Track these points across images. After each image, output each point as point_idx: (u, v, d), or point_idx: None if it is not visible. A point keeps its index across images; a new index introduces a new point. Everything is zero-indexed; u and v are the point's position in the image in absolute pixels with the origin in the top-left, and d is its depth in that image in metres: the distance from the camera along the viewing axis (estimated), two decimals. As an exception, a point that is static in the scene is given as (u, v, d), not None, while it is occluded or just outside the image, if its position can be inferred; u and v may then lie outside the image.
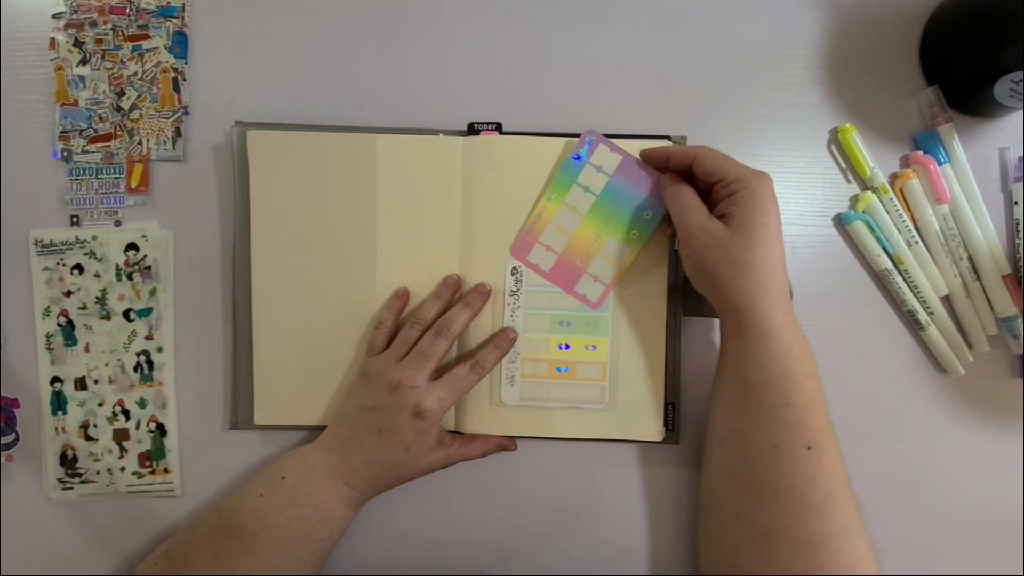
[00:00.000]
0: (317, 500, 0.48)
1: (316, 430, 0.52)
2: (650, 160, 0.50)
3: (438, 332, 0.49)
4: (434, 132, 0.53)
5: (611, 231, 0.52)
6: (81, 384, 0.53)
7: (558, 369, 0.52)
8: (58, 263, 0.53)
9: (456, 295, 0.52)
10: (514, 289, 0.52)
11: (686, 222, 0.46)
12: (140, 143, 0.54)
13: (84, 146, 0.53)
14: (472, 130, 0.54)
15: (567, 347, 0.52)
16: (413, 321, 0.51)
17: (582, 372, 0.52)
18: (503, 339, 0.51)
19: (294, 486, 0.48)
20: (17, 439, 0.53)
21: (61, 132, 0.53)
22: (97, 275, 0.53)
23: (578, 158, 0.51)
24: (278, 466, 0.49)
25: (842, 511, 0.44)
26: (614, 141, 0.51)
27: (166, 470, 0.54)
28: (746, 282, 0.45)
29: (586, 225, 0.52)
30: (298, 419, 0.53)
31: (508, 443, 0.53)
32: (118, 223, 0.54)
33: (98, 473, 0.53)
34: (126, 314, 0.53)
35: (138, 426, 0.53)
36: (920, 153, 0.53)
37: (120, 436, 0.53)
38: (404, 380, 0.48)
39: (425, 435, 0.48)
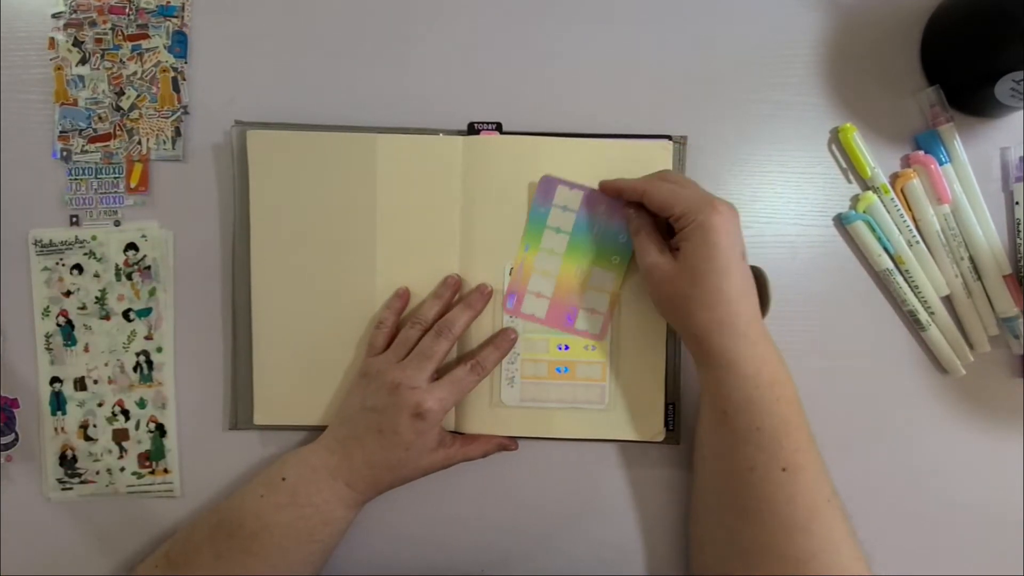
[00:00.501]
0: (318, 500, 0.48)
1: (316, 430, 0.52)
2: (606, 192, 0.51)
3: (439, 333, 0.49)
4: (434, 132, 0.53)
5: (593, 262, 0.52)
6: (80, 384, 0.53)
7: (558, 370, 0.52)
8: (57, 263, 0.53)
9: (456, 295, 0.52)
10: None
11: (644, 261, 0.48)
12: (140, 143, 0.53)
13: (83, 146, 0.53)
14: (472, 130, 0.53)
15: (567, 348, 0.52)
16: (414, 321, 0.51)
17: (582, 372, 0.52)
18: (503, 339, 0.51)
19: (295, 486, 0.48)
20: (16, 439, 0.53)
21: (60, 132, 0.53)
22: (96, 275, 0.53)
23: (542, 205, 0.52)
24: (279, 466, 0.49)
25: (827, 526, 0.43)
26: (574, 178, 0.52)
27: (166, 470, 0.53)
28: (699, 316, 0.45)
29: (568, 263, 0.52)
30: (298, 419, 0.53)
31: (509, 443, 0.53)
32: (117, 223, 0.53)
33: (97, 473, 0.53)
34: (126, 314, 0.53)
35: (137, 426, 0.53)
36: (921, 153, 0.53)
37: (119, 436, 0.53)
38: (405, 381, 0.48)
39: (425, 436, 0.48)
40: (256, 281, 0.52)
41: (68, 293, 0.53)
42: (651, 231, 0.49)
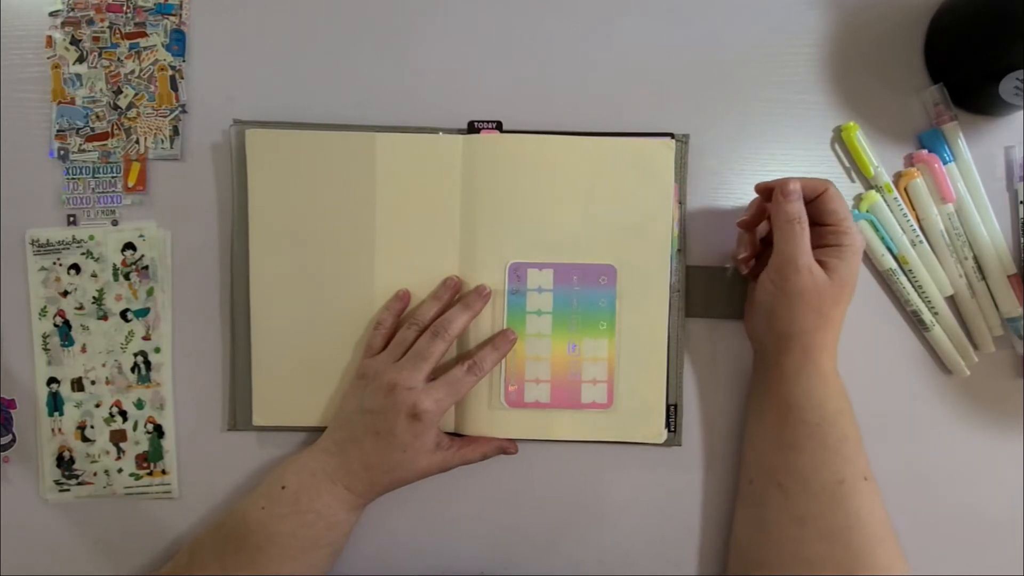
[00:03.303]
0: (319, 506, 0.47)
1: (315, 431, 0.52)
2: (789, 186, 0.47)
3: (435, 333, 0.49)
4: (434, 131, 0.53)
5: (581, 333, 0.52)
6: (78, 385, 0.53)
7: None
8: (55, 263, 0.53)
9: (456, 296, 0.52)
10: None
11: (798, 259, 0.46)
12: (137, 142, 0.53)
13: (81, 145, 0.53)
14: (472, 128, 0.53)
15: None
16: (411, 322, 0.50)
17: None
18: (503, 340, 0.51)
19: (295, 494, 0.47)
20: (14, 440, 0.53)
21: (58, 131, 0.53)
22: (94, 275, 0.53)
23: (516, 292, 0.51)
24: (278, 475, 0.49)
25: (895, 541, 0.45)
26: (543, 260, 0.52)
27: (164, 471, 0.53)
28: (822, 333, 0.46)
29: (557, 342, 0.52)
30: (297, 420, 0.53)
31: (508, 445, 0.52)
32: (115, 222, 0.53)
33: (95, 474, 0.53)
34: (123, 314, 0.53)
35: (135, 427, 0.53)
36: (924, 152, 0.53)
37: (117, 437, 0.53)
38: (401, 381, 0.47)
39: (422, 437, 0.47)
40: (255, 281, 0.52)
41: (65, 293, 0.53)
42: (807, 229, 0.46)
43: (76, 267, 0.53)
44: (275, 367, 0.52)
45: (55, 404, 0.53)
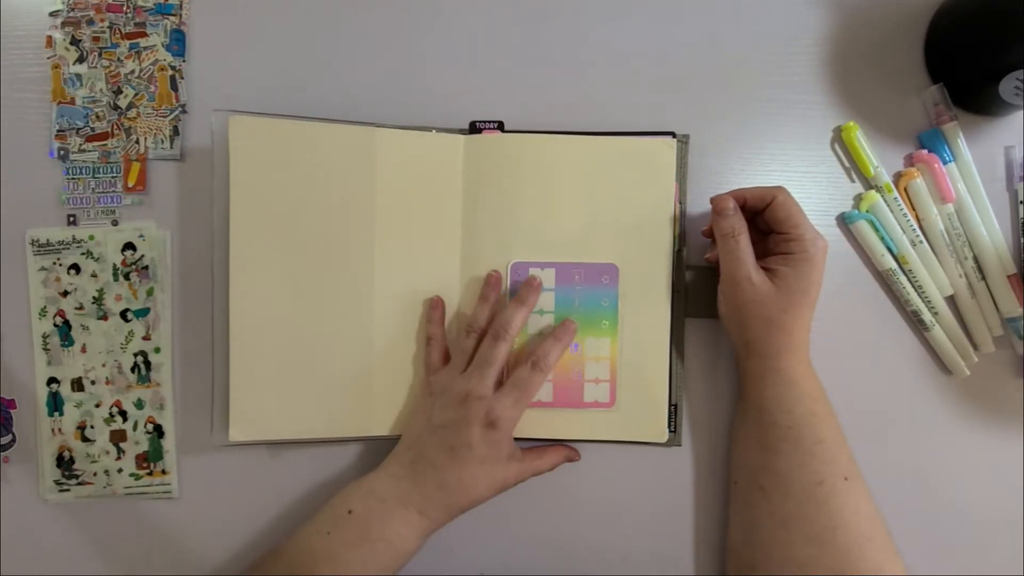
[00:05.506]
0: (388, 534, 0.45)
1: (314, 438, 0.52)
2: (721, 203, 0.48)
3: (496, 336, 0.48)
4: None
5: (584, 332, 0.51)
6: (78, 385, 0.53)
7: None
8: (55, 263, 0.53)
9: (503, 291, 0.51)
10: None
11: (736, 272, 0.47)
12: (137, 142, 0.53)
13: (81, 145, 0.53)
14: (474, 128, 0.53)
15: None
16: (468, 330, 0.49)
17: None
18: (564, 331, 0.50)
19: (364, 520, 0.46)
20: (14, 440, 0.53)
21: (58, 131, 0.53)
22: (94, 275, 0.53)
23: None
24: (343, 500, 0.47)
25: (886, 537, 0.45)
26: (544, 261, 0.52)
27: (164, 471, 0.53)
28: (776, 339, 0.46)
29: None
30: (276, 434, 0.50)
31: (573, 454, 0.52)
32: (115, 223, 0.53)
33: (95, 475, 0.53)
34: (123, 314, 0.53)
35: (135, 427, 0.53)
36: (924, 151, 0.53)
37: (117, 437, 0.53)
38: (471, 391, 0.46)
39: (500, 446, 0.46)
40: (234, 283, 0.49)
41: (65, 293, 0.53)
42: (749, 243, 0.47)
43: (76, 267, 0.53)
44: (255, 378, 0.49)
45: (55, 404, 0.53)
